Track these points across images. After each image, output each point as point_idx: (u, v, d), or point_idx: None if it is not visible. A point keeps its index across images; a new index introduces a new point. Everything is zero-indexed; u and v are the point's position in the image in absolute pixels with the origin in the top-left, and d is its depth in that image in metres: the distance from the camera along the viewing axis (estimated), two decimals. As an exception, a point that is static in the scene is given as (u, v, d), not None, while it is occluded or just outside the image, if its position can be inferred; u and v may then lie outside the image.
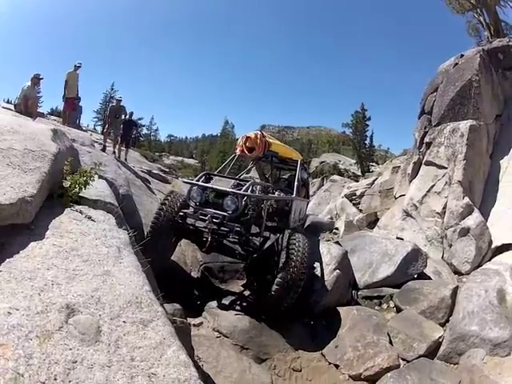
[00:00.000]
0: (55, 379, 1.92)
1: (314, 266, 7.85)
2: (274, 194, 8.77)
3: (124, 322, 2.48)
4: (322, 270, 7.88)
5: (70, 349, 2.12)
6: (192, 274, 8.22)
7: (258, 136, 8.52)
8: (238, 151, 9.03)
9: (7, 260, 2.63)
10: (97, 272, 2.85)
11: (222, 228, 6.77)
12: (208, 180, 7.77)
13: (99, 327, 2.35)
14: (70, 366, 2.02)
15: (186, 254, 8.67)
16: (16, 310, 2.19)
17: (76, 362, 2.06)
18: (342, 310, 7.43)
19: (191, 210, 7.25)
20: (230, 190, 7.05)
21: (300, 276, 6.57)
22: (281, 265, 6.65)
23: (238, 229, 6.66)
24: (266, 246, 7.22)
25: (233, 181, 8.12)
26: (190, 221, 7.19)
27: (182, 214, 7.22)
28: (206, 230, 6.67)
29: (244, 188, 6.92)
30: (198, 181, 7.39)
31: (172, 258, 7.87)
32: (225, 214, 6.69)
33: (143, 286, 2.92)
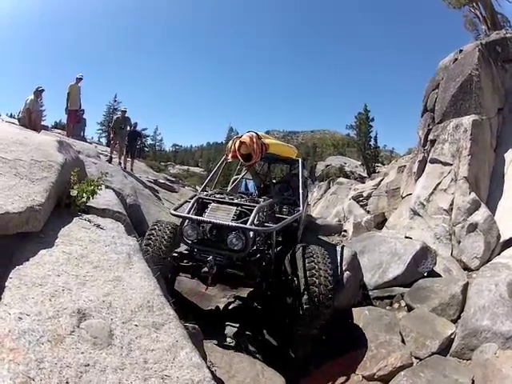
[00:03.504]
0: (67, 382, 1.94)
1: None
2: (281, 211, 8.05)
3: (136, 325, 2.51)
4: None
5: (82, 352, 2.14)
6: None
7: (254, 139, 7.17)
8: (229, 157, 7.85)
9: (17, 267, 2.66)
10: (107, 277, 2.88)
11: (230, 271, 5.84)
12: (203, 207, 6.30)
13: (111, 331, 2.37)
14: (82, 370, 2.04)
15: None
16: (27, 316, 2.22)
17: (88, 365, 2.08)
18: (353, 310, 7.41)
19: (186, 249, 6.33)
20: (234, 223, 5.61)
21: (327, 299, 5.66)
22: (303, 286, 5.70)
23: (253, 271, 5.90)
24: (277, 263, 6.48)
25: (234, 208, 6.12)
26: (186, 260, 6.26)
27: (175, 254, 6.30)
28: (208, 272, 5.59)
29: (251, 219, 5.60)
30: (190, 209, 6.04)
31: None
32: (231, 253, 5.69)
33: (154, 290, 2.95)
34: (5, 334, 2.04)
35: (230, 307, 7.58)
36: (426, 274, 8.77)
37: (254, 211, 5.79)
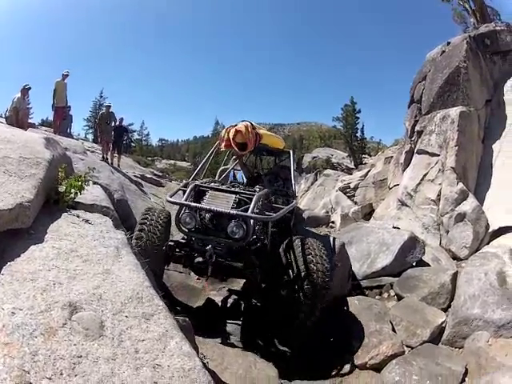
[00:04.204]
0: (61, 374, 1.98)
1: None
2: (275, 201, 7.61)
3: (126, 316, 2.55)
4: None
5: (75, 344, 2.18)
6: (191, 274, 8.08)
7: (249, 129, 7.09)
8: (222, 146, 7.72)
9: (9, 263, 2.69)
10: (97, 271, 2.92)
11: (229, 261, 5.67)
12: (199, 195, 6.09)
13: (102, 322, 2.41)
14: (75, 361, 2.08)
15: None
16: (20, 310, 2.25)
17: (81, 356, 2.12)
18: (343, 301, 7.45)
19: (182, 238, 6.24)
20: (235, 211, 5.43)
21: (326, 285, 5.66)
22: (303, 271, 5.67)
23: (253, 261, 5.81)
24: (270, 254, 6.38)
25: (233, 196, 5.98)
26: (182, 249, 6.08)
27: (171, 243, 6.10)
28: (206, 260, 5.45)
29: (251, 207, 5.46)
30: (187, 197, 5.79)
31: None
32: (231, 242, 5.52)
33: (143, 282, 2.99)
34: (-1, 329, 2.07)
35: (228, 303, 7.50)
36: (414, 264, 8.82)
37: (254, 199, 5.67)
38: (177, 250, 6.08)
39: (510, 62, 13.09)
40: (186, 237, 6.11)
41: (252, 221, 5.54)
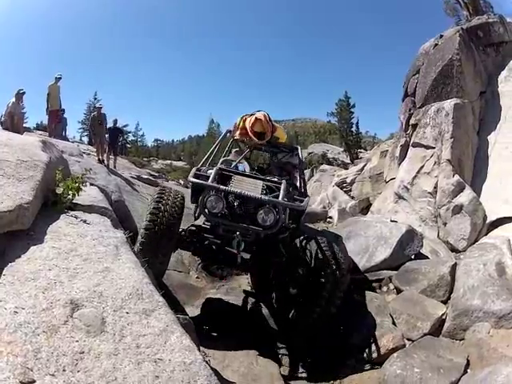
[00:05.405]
0: (64, 370, 2.00)
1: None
2: (294, 192, 7.18)
3: (127, 312, 2.57)
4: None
5: (77, 341, 2.21)
6: (190, 273, 8.12)
7: (267, 118, 6.99)
8: (237, 134, 7.47)
9: (10, 264, 2.72)
10: (97, 269, 2.94)
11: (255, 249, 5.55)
12: (224, 179, 5.71)
13: (103, 319, 2.44)
14: (77, 357, 2.10)
15: (183, 253, 8.12)
16: (22, 309, 2.28)
17: (83, 352, 2.15)
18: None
19: (204, 222, 6.00)
20: (267, 198, 5.22)
21: (346, 271, 5.76)
22: (331, 260, 5.57)
23: (280, 250, 5.75)
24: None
25: (261, 182, 5.77)
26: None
27: (193, 228, 5.90)
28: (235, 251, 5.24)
29: (281, 194, 5.32)
30: (213, 179, 5.39)
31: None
32: (261, 230, 5.24)
33: (143, 279, 3.02)
34: (2, 328, 2.10)
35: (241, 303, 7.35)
36: (413, 257, 8.83)
37: (283, 187, 5.49)
38: (195, 236, 5.86)
39: (503, 54, 13.12)
40: (208, 222, 5.89)
41: (281, 208, 5.28)
